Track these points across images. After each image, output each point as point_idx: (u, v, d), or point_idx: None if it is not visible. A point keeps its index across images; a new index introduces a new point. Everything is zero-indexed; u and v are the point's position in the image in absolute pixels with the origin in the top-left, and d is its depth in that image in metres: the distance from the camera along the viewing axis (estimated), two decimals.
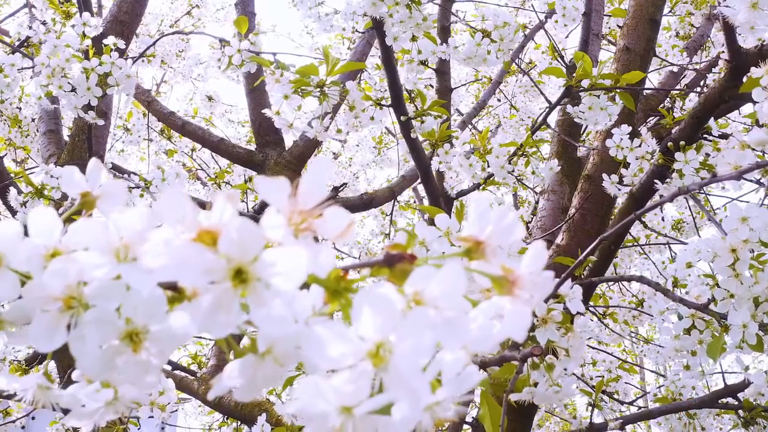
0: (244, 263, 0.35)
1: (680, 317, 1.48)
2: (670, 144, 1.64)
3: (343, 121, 1.74)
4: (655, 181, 1.64)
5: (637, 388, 3.03)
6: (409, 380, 0.34)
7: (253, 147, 3.33)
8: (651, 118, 2.62)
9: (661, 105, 2.71)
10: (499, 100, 4.56)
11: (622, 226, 1.23)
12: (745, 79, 1.54)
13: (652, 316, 2.76)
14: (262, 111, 3.27)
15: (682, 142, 1.62)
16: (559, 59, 2.64)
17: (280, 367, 0.43)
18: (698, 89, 2.68)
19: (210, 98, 4.69)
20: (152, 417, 1.33)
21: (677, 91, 2.57)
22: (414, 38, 1.90)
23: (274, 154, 3.20)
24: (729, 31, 1.50)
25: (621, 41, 2.27)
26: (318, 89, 1.48)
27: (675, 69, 2.82)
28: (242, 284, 0.35)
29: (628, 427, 3.06)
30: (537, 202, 3.39)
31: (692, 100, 2.68)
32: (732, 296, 1.31)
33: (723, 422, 2.72)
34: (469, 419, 2.33)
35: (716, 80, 1.61)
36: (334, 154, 5.17)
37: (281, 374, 0.43)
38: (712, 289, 1.39)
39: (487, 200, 0.43)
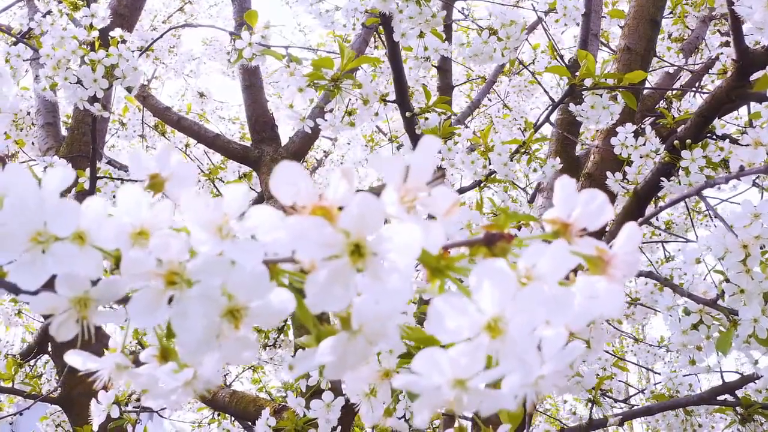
0: (362, 238, 0.35)
1: (688, 312, 1.50)
2: (676, 142, 1.66)
3: (338, 117, 1.75)
4: (662, 178, 1.66)
5: (632, 386, 3.05)
6: (523, 353, 0.35)
7: (246, 143, 3.32)
8: (647, 118, 2.64)
9: (657, 105, 2.74)
10: (490, 100, 4.58)
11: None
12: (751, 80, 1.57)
13: (647, 314, 2.79)
14: (268, 105, 3.26)
15: (688, 141, 1.64)
16: (558, 58, 2.65)
17: (370, 345, 0.43)
18: (693, 90, 2.70)
19: (201, 95, 4.67)
20: (165, 408, 1.33)
21: (675, 91, 2.59)
22: (421, 35, 1.91)
23: (270, 150, 3.20)
24: (737, 31, 1.52)
25: (622, 41, 2.28)
26: (332, 83, 1.48)
27: (671, 70, 2.84)
28: (359, 259, 0.35)
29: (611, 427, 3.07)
30: (530, 201, 3.41)
31: (689, 100, 2.71)
32: (742, 291, 1.32)
33: (715, 420, 2.74)
34: (468, 414, 2.34)
35: (723, 79, 1.63)
36: (325, 152, 5.17)
37: (369, 353, 0.44)
38: (720, 285, 1.41)
39: (572, 184, 0.44)
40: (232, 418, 3.39)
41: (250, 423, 3.10)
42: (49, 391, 2.93)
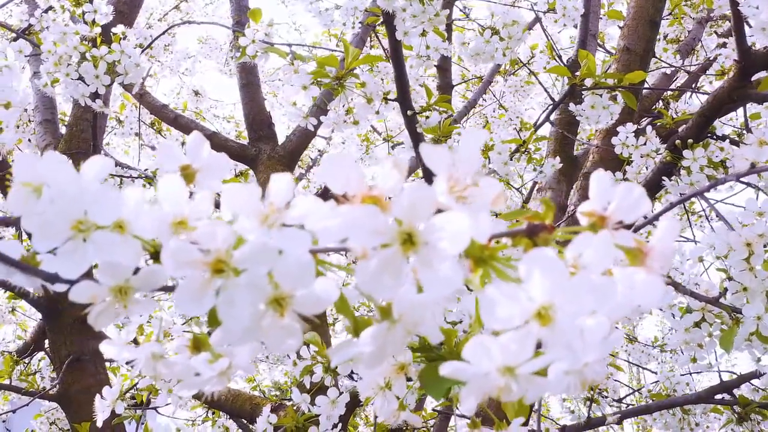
0: (414, 227, 0.35)
1: (690, 310, 1.51)
2: (677, 142, 1.67)
3: (341, 115, 1.75)
4: (663, 177, 1.67)
5: (626, 385, 3.07)
6: (572, 341, 0.35)
7: (243, 141, 3.32)
8: (644, 119, 2.65)
9: (654, 106, 2.75)
10: (484, 100, 4.58)
11: None
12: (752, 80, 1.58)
13: (642, 314, 2.80)
14: (265, 104, 3.25)
15: (689, 140, 1.65)
16: (557, 58, 2.66)
17: (408, 335, 0.44)
18: (690, 90, 2.72)
19: (197, 93, 4.67)
20: (169, 404, 1.33)
21: (672, 92, 2.60)
22: (423, 33, 1.91)
23: (267, 148, 3.20)
24: (739, 31, 1.53)
25: (621, 42, 2.30)
26: (336, 81, 1.48)
27: (668, 71, 2.86)
28: (410, 247, 0.36)
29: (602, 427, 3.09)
30: (525, 201, 3.41)
31: (686, 101, 2.72)
32: (745, 289, 1.33)
33: (709, 420, 2.75)
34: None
35: (725, 80, 1.64)
36: (319, 151, 5.17)
37: (406, 342, 0.44)
38: (722, 283, 1.42)
39: (609, 177, 0.45)
40: (227, 416, 3.38)
41: (245, 421, 3.10)
42: (42, 387, 2.92)
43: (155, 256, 0.46)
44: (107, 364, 2.53)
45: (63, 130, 2.78)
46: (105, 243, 0.42)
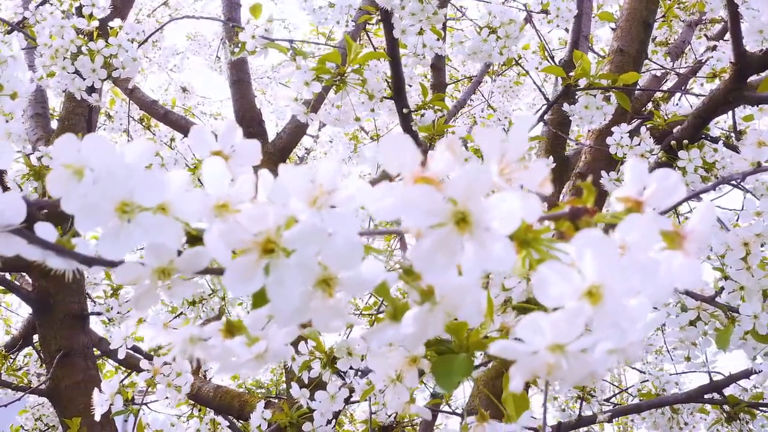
0: (468, 207, 0.36)
1: (684, 309, 1.52)
2: (673, 142, 1.69)
3: (343, 111, 1.76)
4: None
5: (612, 384, 3.09)
6: (619, 320, 0.36)
7: None
8: (635, 120, 2.68)
9: (644, 108, 2.77)
10: (472, 100, 4.60)
11: None
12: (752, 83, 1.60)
13: None
14: (255, 101, 3.23)
15: (685, 141, 1.66)
16: (549, 59, 2.68)
17: (448, 317, 0.44)
18: (681, 92, 2.74)
19: (184, 89, 4.65)
20: (168, 398, 1.33)
21: (663, 94, 2.63)
22: (421, 32, 1.92)
23: None
24: (736, 34, 1.54)
25: (615, 43, 2.31)
26: (338, 77, 1.49)
27: (658, 73, 2.88)
28: (464, 228, 0.36)
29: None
30: None
31: (676, 103, 2.75)
32: (742, 288, 1.35)
33: (695, 420, 2.77)
34: (459, 410, 2.35)
35: (721, 81, 1.66)
36: (306, 149, 5.17)
37: (444, 324, 0.45)
38: (717, 282, 1.43)
39: (644, 164, 0.45)
40: (213, 413, 3.38)
41: (232, 418, 3.09)
42: (27, 382, 2.91)
43: (191, 239, 0.46)
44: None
45: (53, 124, 2.76)
46: (150, 225, 0.43)
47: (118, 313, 2.42)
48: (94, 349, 2.57)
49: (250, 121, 3.22)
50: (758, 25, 1.29)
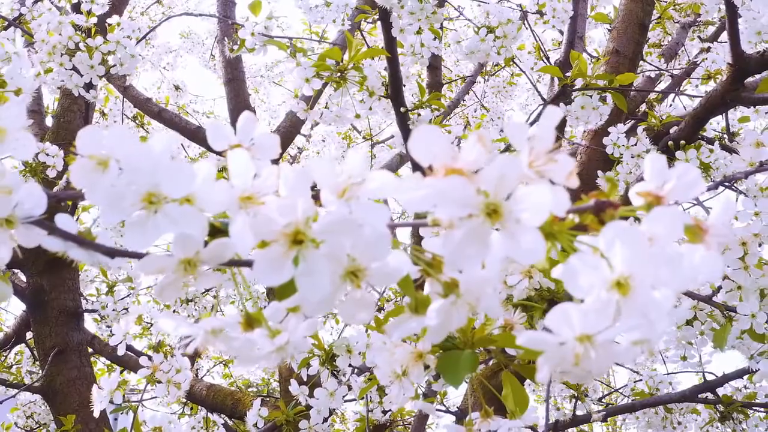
0: (499, 199, 0.37)
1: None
2: (670, 143, 1.70)
3: (343, 108, 1.76)
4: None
5: (604, 383, 3.10)
6: (647, 310, 0.37)
7: None
8: (629, 121, 2.69)
9: (638, 109, 2.79)
10: (464, 101, 4.61)
11: None
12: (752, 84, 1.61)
13: None
14: (249, 99, 3.23)
15: (682, 142, 1.67)
16: (544, 59, 2.69)
17: (471, 309, 0.45)
18: (675, 93, 2.76)
19: (177, 87, 4.65)
20: (161, 396, 1.33)
21: (656, 95, 2.64)
22: (419, 31, 1.92)
23: None
24: (734, 35, 1.55)
25: (611, 44, 2.33)
26: (338, 74, 1.49)
27: (651, 74, 2.89)
28: (496, 219, 0.37)
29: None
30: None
31: (670, 104, 2.76)
32: (739, 288, 1.36)
33: (687, 420, 2.78)
34: (453, 409, 2.36)
35: (718, 82, 1.67)
36: (299, 148, 5.17)
37: (466, 318, 0.46)
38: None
39: (663, 159, 0.46)
40: (206, 412, 3.37)
41: (224, 416, 3.09)
42: (22, 380, 2.90)
43: (213, 231, 0.47)
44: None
45: (48, 121, 2.76)
46: (178, 215, 0.43)
47: (113, 310, 2.41)
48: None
49: None
50: (757, 26, 1.30)
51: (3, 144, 0.49)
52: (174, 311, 3.23)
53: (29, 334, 2.97)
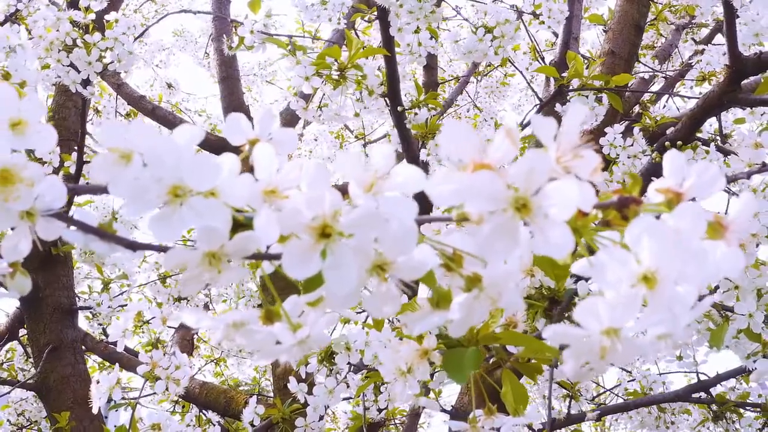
0: (528, 193, 0.37)
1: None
2: (667, 143, 1.71)
3: (342, 107, 1.77)
4: (652, 178, 1.71)
5: (598, 384, 3.11)
6: (673, 304, 0.37)
7: (222, 134, 3.31)
8: (623, 122, 2.70)
9: (631, 110, 2.80)
10: (457, 101, 4.61)
11: None
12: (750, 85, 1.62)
13: None
14: (244, 98, 3.22)
15: (679, 142, 1.68)
16: (539, 59, 2.70)
17: (492, 304, 0.45)
18: (669, 94, 2.77)
19: (170, 86, 4.64)
20: (167, 391, 1.34)
21: (651, 96, 2.66)
22: (417, 30, 1.93)
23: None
24: (731, 37, 1.57)
25: (606, 45, 2.34)
26: (338, 72, 1.49)
27: (645, 76, 2.91)
28: (524, 213, 0.37)
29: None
30: None
31: (664, 105, 2.78)
32: (737, 288, 1.37)
33: (679, 420, 2.79)
34: (448, 407, 2.36)
35: (715, 83, 1.68)
36: None
37: (488, 311, 0.46)
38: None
39: (682, 155, 0.47)
40: (198, 410, 3.37)
41: (217, 415, 3.09)
42: (16, 377, 2.89)
43: (234, 226, 0.47)
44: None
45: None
46: (203, 208, 0.43)
47: (108, 307, 2.41)
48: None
49: None
50: (756, 28, 1.31)
51: (24, 136, 0.49)
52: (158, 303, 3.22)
53: (22, 331, 2.96)
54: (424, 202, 0.43)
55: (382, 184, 0.41)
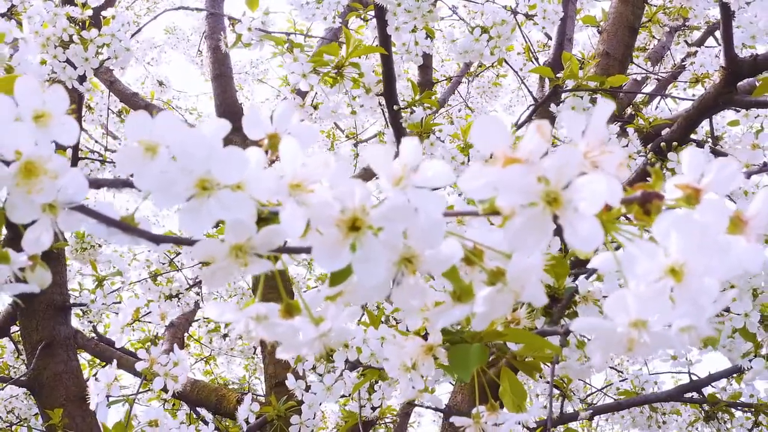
0: (559, 188, 0.38)
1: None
2: (662, 144, 1.72)
3: (339, 105, 1.77)
4: (647, 178, 1.72)
5: (591, 385, 3.13)
6: (699, 297, 0.38)
7: None
8: (615, 122, 2.72)
9: (624, 111, 2.82)
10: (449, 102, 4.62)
11: None
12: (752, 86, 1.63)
13: None
14: (237, 95, 3.22)
15: (674, 143, 1.70)
16: (533, 60, 2.71)
17: (515, 297, 0.46)
18: (661, 95, 2.79)
19: (161, 83, 4.63)
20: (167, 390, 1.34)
21: (643, 97, 2.67)
22: (414, 29, 1.93)
23: (238, 140, 3.19)
24: (728, 39, 1.58)
25: (601, 46, 2.35)
26: (336, 70, 1.50)
27: (638, 77, 2.93)
28: (555, 207, 0.38)
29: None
30: None
31: (657, 106, 2.79)
32: (733, 287, 1.38)
33: (670, 419, 2.81)
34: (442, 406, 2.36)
35: (711, 85, 1.70)
36: None
37: (513, 303, 0.47)
38: None
39: (701, 152, 0.47)
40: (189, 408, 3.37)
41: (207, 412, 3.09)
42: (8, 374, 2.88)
43: (260, 219, 0.47)
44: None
45: None
46: (230, 201, 0.44)
47: (103, 304, 2.41)
48: None
49: (231, 115, 3.21)
50: (753, 30, 1.32)
51: (47, 129, 0.49)
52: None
53: (13, 328, 2.95)
54: None
55: (412, 178, 0.41)
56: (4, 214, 0.48)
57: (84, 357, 3.63)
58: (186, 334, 4.03)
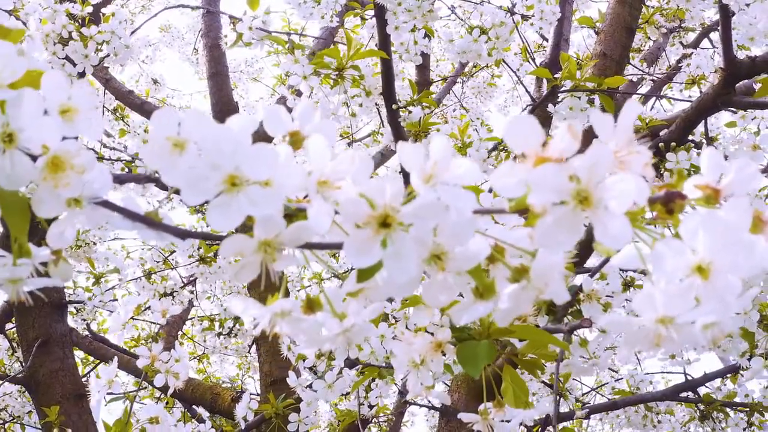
0: (590, 186, 0.38)
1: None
2: (661, 144, 1.73)
3: (339, 106, 1.77)
4: (646, 179, 1.73)
5: (584, 384, 3.14)
6: (725, 294, 0.39)
7: None
8: None
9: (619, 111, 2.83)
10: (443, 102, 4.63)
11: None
12: (751, 87, 1.65)
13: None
14: (233, 94, 3.22)
15: (672, 144, 1.71)
16: (530, 60, 2.72)
17: (539, 294, 0.46)
18: (656, 96, 2.81)
19: (155, 81, 4.62)
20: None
21: (640, 98, 2.69)
22: (413, 29, 1.94)
23: None
24: (727, 41, 1.59)
25: (598, 47, 2.36)
26: (336, 72, 1.50)
27: (633, 78, 2.94)
28: (586, 205, 0.39)
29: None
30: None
31: (653, 107, 2.81)
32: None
33: (664, 419, 2.82)
34: (438, 404, 2.37)
35: (710, 86, 1.71)
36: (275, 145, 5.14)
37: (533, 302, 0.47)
38: None
39: (719, 153, 0.48)
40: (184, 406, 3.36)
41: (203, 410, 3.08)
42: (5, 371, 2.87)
43: (285, 216, 0.48)
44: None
45: None
46: (259, 198, 0.44)
47: (100, 301, 2.41)
48: None
49: (227, 113, 3.20)
50: (752, 32, 1.33)
51: (73, 123, 0.49)
52: (148, 308, 3.21)
53: (9, 325, 2.94)
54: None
55: (442, 175, 0.42)
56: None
57: (77, 355, 3.63)
58: (180, 332, 4.03)
